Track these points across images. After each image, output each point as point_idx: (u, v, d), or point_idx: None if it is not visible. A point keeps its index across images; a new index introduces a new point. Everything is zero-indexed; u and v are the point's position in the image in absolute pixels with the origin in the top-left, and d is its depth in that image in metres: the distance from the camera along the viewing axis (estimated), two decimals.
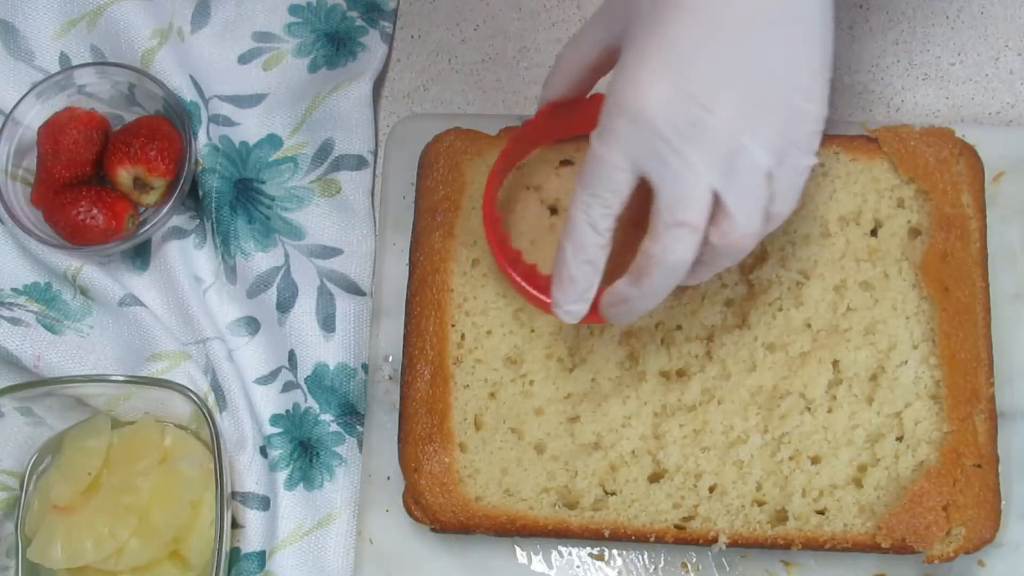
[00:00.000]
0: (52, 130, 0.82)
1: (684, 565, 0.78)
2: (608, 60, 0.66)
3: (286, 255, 0.84)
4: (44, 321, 0.83)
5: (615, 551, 0.79)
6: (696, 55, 0.60)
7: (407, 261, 0.81)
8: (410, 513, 0.77)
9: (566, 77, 0.70)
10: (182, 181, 0.82)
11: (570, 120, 0.75)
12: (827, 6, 0.62)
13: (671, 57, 0.60)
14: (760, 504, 0.75)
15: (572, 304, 0.67)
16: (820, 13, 0.61)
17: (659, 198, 0.61)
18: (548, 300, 0.69)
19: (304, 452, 0.81)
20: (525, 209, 0.79)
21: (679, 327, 0.77)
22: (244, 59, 0.88)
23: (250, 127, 0.86)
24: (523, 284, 0.72)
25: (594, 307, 0.68)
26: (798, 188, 0.64)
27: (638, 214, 0.65)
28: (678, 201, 0.61)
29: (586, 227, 0.64)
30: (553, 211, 0.79)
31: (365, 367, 0.83)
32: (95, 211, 0.81)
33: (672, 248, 0.62)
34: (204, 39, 0.88)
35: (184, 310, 0.84)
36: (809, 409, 0.76)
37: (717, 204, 0.61)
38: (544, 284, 0.71)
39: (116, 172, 0.82)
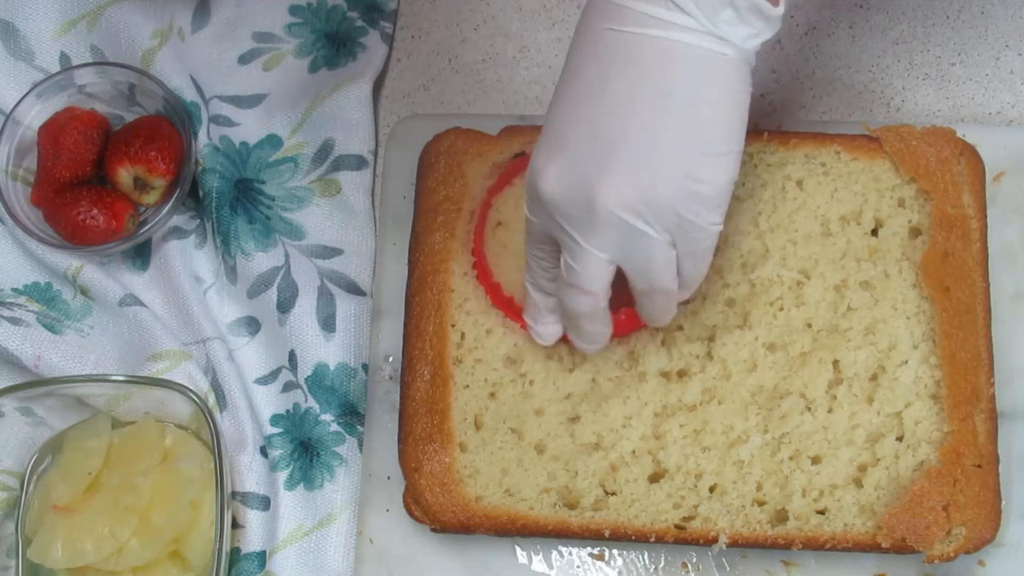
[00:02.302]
0: (52, 130, 0.82)
1: (684, 565, 0.78)
2: None
3: (286, 255, 0.84)
4: (44, 321, 0.83)
5: (615, 551, 0.79)
6: (584, 140, 0.61)
7: (407, 261, 0.81)
8: (410, 513, 0.77)
9: None
10: (182, 181, 0.82)
11: None
12: (730, 83, 0.61)
13: (562, 141, 0.62)
14: (760, 504, 0.75)
15: (542, 327, 0.74)
16: (718, 94, 0.61)
17: (562, 261, 0.66)
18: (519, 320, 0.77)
19: (304, 452, 0.81)
20: None
21: (680, 327, 0.77)
22: (244, 59, 0.88)
23: (250, 127, 0.86)
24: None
25: None
26: (706, 251, 0.65)
27: None
28: (574, 271, 0.65)
29: (537, 268, 0.70)
30: None
31: (365, 367, 0.83)
32: (95, 211, 0.81)
33: (570, 302, 0.68)
34: (204, 39, 0.88)
35: (184, 310, 0.84)
36: (809, 409, 0.76)
37: (617, 271, 0.65)
38: (517, 312, 0.78)
39: (116, 172, 0.82)
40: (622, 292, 0.68)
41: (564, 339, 0.75)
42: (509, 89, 0.88)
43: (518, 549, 0.79)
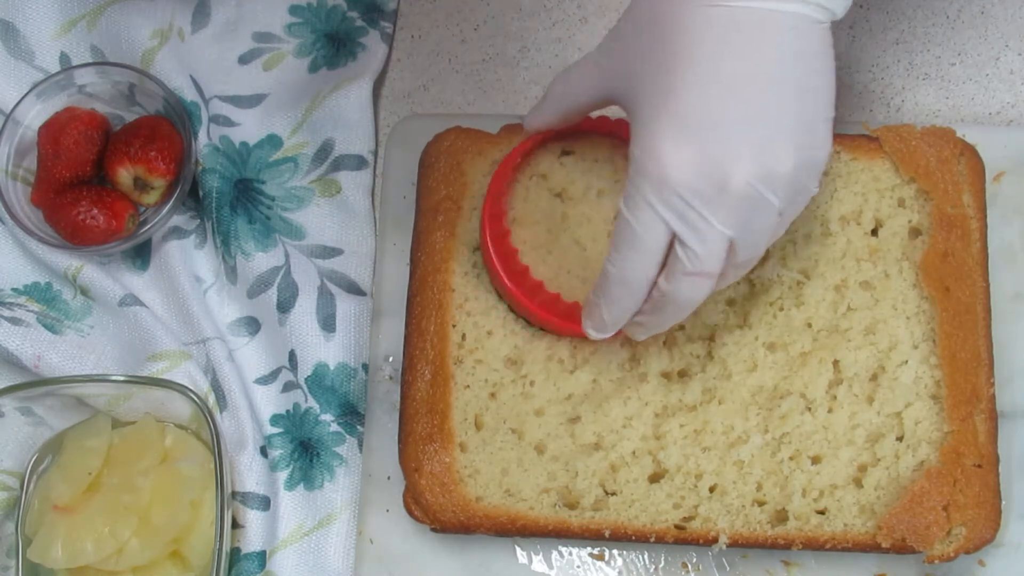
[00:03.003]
0: (52, 130, 0.82)
1: (684, 565, 0.78)
2: (602, 103, 0.68)
3: (286, 255, 0.84)
4: (44, 321, 0.83)
5: (615, 551, 0.79)
6: (713, 119, 0.61)
7: (407, 261, 0.81)
8: (410, 513, 0.77)
9: (556, 113, 0.73)
10: (182, 181, 0.82)
11: (550, 135, 0.77)
12: (828, 50, 0.63)
13: (689, 123, 0.62)
14: (760, 504, 0.75)
15: (602, 335, 0.71)
16: (822, 62, 0.63)
17: (680, 249, 0.64)
18: (568, 325, 0.74)
19: (304, 452, 0.81)
20: (538, 198, 0.78)
21: (682, 327, 0.77)
22: (244, 59, 0.88)
23: (250, 127, 0.86)
24: (544, 316, 0.75)
25: None
26: (798, 213, 0.67)
27: None
28: (699, 256, 0.64)
29: (619, 284, 0.67)
30: (561, 198, 0.79)
31: (365, 367, 0.83)
32: (95, 211, 0.81)
33: (687, 292, 0.66)
34: (204, 39, 0.88)
35: (184, 310, 0.83)
36: (809, 409, 0.76)
37: (730, 246, 0.65)
38: (565, 310, 0.75)
39: (116, 172, 0.82)
40: None
41: (566, 336, 0.76)
42: (509, 89, 0.88)
43: (518, 549, 0.79)
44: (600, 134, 0.78)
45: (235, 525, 0.80)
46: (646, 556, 0.79)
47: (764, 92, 0.61)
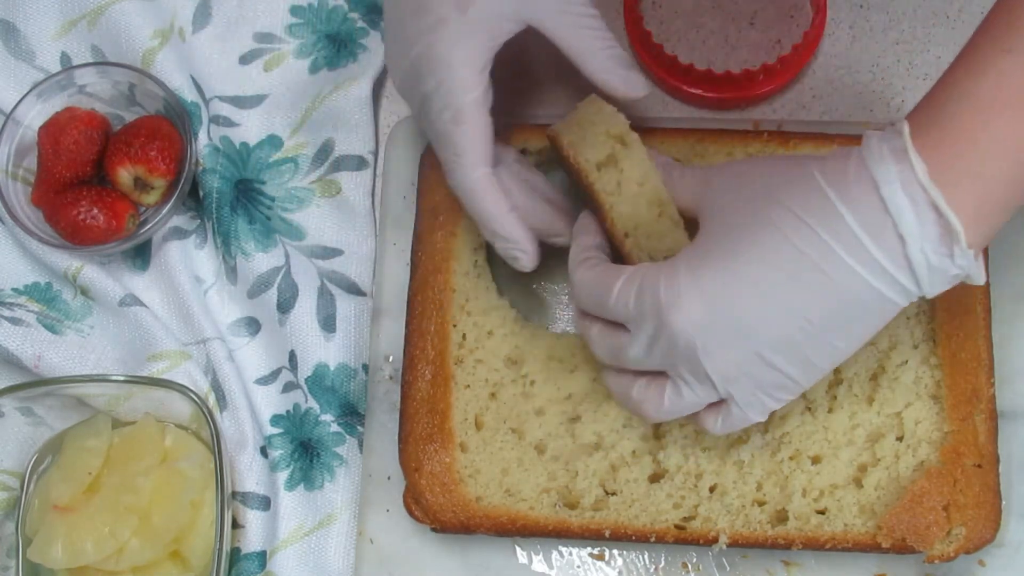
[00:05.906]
0: (52, 130, 0.82)
1: (684, 565, 0.78)
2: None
3: (287, 255, 0.84)
4: (44, 321, 0.83)
5: (616, 551, 0.79)
6: (737, 293, 0.63)
7: (407, 261, 0.81)
8: (410, 513, 0.77)
9: None
10: (182, 181, 0.82)
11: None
12: (885, 319, 0.64)
13: (714, 289, 0.63)
14: (760, 504, 0.75)
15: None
16: (866, 328, 0.64)
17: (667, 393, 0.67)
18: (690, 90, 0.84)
19: (305, 452, 0.81)
20: None
21: None
22: (245, 60, 0.88)
23: (251, 128, 0.86)
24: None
25: None
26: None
27: None
28: (675, 405, 0.67)
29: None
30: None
31: (365, 367, 0.83)
32: (95, 211, 0.81)
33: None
34: (205, 39, 0.88)
35: (185, 310, 0.84)
36: (809, 409, 0.76)
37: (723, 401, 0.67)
38: (682, 72, 0.83)
39: (116, 172, 0.82)
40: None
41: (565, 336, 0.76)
42: (509, 89, 0.88)
43: (518, 549, 0.79)
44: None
45: (235, 525, 0.81)
46: (646, 556, 0.79)
47: (781, 288, 0.62)
